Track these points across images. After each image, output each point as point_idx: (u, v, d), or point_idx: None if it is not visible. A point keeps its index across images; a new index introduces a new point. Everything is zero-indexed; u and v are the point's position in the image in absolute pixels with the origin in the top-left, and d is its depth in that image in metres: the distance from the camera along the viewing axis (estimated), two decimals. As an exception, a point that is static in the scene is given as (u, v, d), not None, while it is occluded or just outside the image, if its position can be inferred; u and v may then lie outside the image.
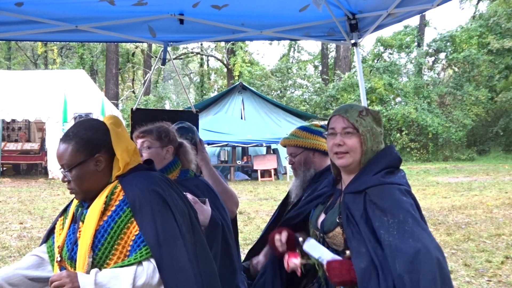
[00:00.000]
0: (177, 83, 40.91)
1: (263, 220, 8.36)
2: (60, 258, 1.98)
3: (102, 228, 1.88)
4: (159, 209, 1.89)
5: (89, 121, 2.06)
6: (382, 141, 2.15)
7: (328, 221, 2.14)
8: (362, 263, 1.92)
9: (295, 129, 3.00)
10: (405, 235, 1.87)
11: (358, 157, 2.10)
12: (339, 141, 2.10)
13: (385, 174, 2.05)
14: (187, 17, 3.93)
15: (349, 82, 25.28)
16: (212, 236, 2.54)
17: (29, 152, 17.53)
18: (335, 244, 2.12)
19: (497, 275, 5.36)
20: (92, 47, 30.06)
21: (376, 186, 2.02)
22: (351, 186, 2.10)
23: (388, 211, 1.93)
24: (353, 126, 2.08)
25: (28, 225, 8.42)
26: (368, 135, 2.09)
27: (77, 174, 1.94)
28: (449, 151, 24.45)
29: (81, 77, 18.77)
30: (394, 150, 2.16)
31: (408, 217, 1.91)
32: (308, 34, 4.23)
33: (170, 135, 2.75)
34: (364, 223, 1.97)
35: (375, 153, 2.11)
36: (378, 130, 2.13)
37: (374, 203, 1.98)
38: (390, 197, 1.97)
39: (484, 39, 26.49)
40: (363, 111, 2.12)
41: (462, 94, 25.34)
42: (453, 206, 10.09)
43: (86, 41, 6.22)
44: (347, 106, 2.17)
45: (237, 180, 16.53)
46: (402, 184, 2.05)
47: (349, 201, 2.06)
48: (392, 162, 2.10)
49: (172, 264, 1.84)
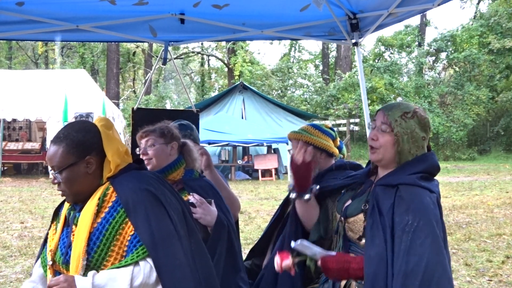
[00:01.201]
0: (178, 83, 40.93)
1: (263, 220, 8.36)
2: (53, 262, 1.97)
3: (97, 230, 1.88)
4: (152, 208, 1.89)
5: (80, 123, 2.05)
6: (425, 146, 2.13)
7: (352, 207, 2.16)
8: (372, 251, 1.95)
9: (307, 126, 2.96)
10: (416, 241, 1.88)
11: (389, 156, 2.10)
12: (373, 136, 2.12)
13: (421, 177, 2.05)
14: (188, 16, 3.93)
15: (350, 82, 25.26)
16: (218, 237, 2.55)
17: (30, 152, 17.52)
18: (352, 230, 2.14)
19: (498, 275, 5.36)
20: (93, 46, 30.07)
21: (410, 185, 2.02)
22: (384, 179, 2.11)
23: (411, 211, 1.94)
24: (389, 125, 2.08)
25: (29, 224, 8.43)
26: (406, 137, 2.07)
27: (68, 176, 1.93)
28: (449, 151, 24.43)
29: (82, 76, 18.77)
30: (435, 158, 2.15)
31: (426, 226, 1.91)
32: (309, 34, 4.23)
33: (172, 132, 2.76)
34: (388, 216, 1.98)
35: (414, 156, 2.10)
36: (421, 135, 2.10)
37: (402, 199, 1.99)
38: (419, 199, 1.97)
39: (485, 39, 26.46)
40: (409, 113, 2.10)
41: (463, 94, 25.32)
42: (454, 206, 10.08)
43: (87, 40, 6.22)
44: (394, 104, 2.17)
45: (238, 180, 16.52)
46: (434, 192, 2.05)
47: (379, 192, 2.07)
48: (430, 168, 2.10)
49: (169, 262, 1.84)
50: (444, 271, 1.86)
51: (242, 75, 27.50)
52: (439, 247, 1.90)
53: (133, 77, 37.23)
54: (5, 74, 18.99)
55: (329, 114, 24.53)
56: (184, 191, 2.67)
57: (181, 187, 2.69)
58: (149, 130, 2.74)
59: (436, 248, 1.88)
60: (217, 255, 2.49)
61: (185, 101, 30.39)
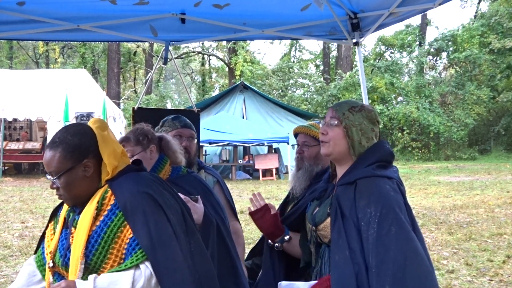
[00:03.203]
0: (179, 83, 40.95)
1: (264, 220, 8.33)
2: (53, 264, 1.96)
3: (95, 233, 1.87)
4: (151, 211, 1.88)
5: (74, 126, 2.02)
6: (375, 137, 2.17)
7: (319, 213, 2.19)
8: (336, 255, 1.96)
9: (314, 122, 2.99)
10: (381, 232, 1.88)
11: (339, 149, 2.14)
12: (323, 131, 2.18)
13: (377, 167, 2.08)
14: (188, 16, 3.93)
15: (350, 82, 25.26)
16: (207, 234, 2.50)
17: (31, 151, 17.54)
18: (325, 237, 2.14)
19: (499, 275, 5.36)
20: (94, 46, 30.08)
21: (367, 178, 2.04)
22: (343, 179, 2.14)
23: (372, 202, 1.95)
24: (338, 118, 2.14)
25: (29, 224, 8.44)
26: (354, 129, 2.12)
27: (66, 181, 1.92)
28: (450, 150, 24.43)
29: (82, 76, 18.79)
30: (387, 145, 2.19)
31: (390, 214, 1.92)
32: (310, 34, 4.23)
33: (148, 135, 2.66)
34: (352, 215, 1.99)
35: (367, 147, 2.13)
36: (369, 126, 2.16)
37: (361, 193, 2.00)
38: (377, 189, 1.99)
39: (485, 39, 26.47)
40: (356, 107, 2.17)
41: (464, 94, 25.31)
42: (455, 206, 10.08)
43: (88, 40, 6.23)
44: (342, 101, 2.25)
45: (239, 180, 16.53)
46: (393, 178, 2.06)
47: (340, 193, 2.09)
48: (384, 156, 2.13)
49: (168, 265, 1.83)
50: (415, 255, 1.85)
51: (242, 75, 27.53)
52: (406, 232, 1.89)
53: (133, 76, 37.24)
54: (6, 74, 19.00)
55: (330, 114, 24.49)
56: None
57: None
58: (124, 139, 2.64)
59: (403, 235, 1.88)
60: (209, 252, 2.40)
61: (186, 101, 30.42)
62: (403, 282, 1.80)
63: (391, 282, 1.80)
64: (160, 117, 3.22)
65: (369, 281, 1.85)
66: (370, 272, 1.85)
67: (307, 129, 2.92)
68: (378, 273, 1.83)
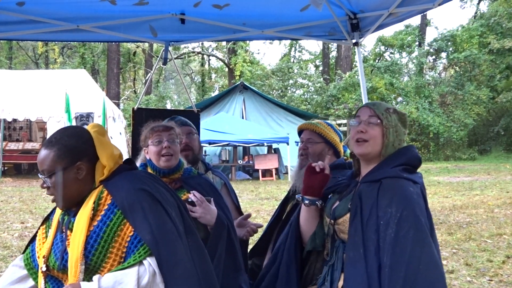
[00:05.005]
0: (178, 83, 40.94)
1: (264, 220, 8.35)
2: (47, 267, 1.96)
3: (94, 233, 1.87)
4: (149, 206, 1.89)
5: (72, 128, 2.04)
6: (405, 141, 2.19)
7: (340, 207, 2.18)
8: (351, 251, 1.97)
9: (321, 121, 3.01)
10: (400, 233, 1.88)
11: (377, 148, 2.13)
12: (362, 128, 2.14)
13: (403, 169, 2.08)
14: (188, 16, 3.93)
15: (350, 82, 25.25)
16: (218, 236, 2.52)
17: (31, 152, 17.52)
18: (342, 231, 2.14)
19: (498, 275, 5.35)
20: (93, 46, 30.05)
21: (392, 178, 2.04)
22: (368, 176, 2.13)
23: (394, 203, 1.95)
24: (378, 117, 2.13)
25: (29, 224, 8.43)
26: (391, 130, 2.13)
27: (57, 181, 1.92)
28: (450, 151, 24.43)
29: (82, 76, 18.78)
30: (415, 150, 2.20)
31: (410, 217, 1.91)
32: (309, 34, 4.24)
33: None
34: (372, 212, 1.99)
35: (396, 149, 2.14)
36: (402, 129, 2.17)
37: (385, 192, 2.00)
38: (401, 190, 1.99)
39: (485, 39, 26.47)
40: (390, 109, 2.18)
41: (463, 94, 25.32)
42: (454, 206, 10.08)
43: (87, 40, 6.24)
44: (376, 101, 2.24)
45: (238, 180, 16.53)
46: (418, 182, 2.07)
47: (363, 190, 2.08)
48: (411, 160, 2.14)
49: (171, 258, 1.84)
50: (430, 260, 1.86)
51: (242, 75, 27.51)
52: (424, 237, 1.89)
53: (133, 77, 37.23)
54: (5, 74, 19.00)
55: (330, 114, 24.52)
56: (183, 189, 2.65)
57: (180, 185, 2.66)
58: (170, 126, 2.71)
59: (420, 239, 1.88)
60: (218, 254, 2.46)
61: (186, 101, 30.41)
62: (413, 286, 1.80)
63: (402, 284, 1.80)
64: (159, 118, 3.22)
65: (381, 281, 1.85)
66: (383, 271, 1.86)
67: (313, 125, 2.94)
68: (390, 273, 1.83)
